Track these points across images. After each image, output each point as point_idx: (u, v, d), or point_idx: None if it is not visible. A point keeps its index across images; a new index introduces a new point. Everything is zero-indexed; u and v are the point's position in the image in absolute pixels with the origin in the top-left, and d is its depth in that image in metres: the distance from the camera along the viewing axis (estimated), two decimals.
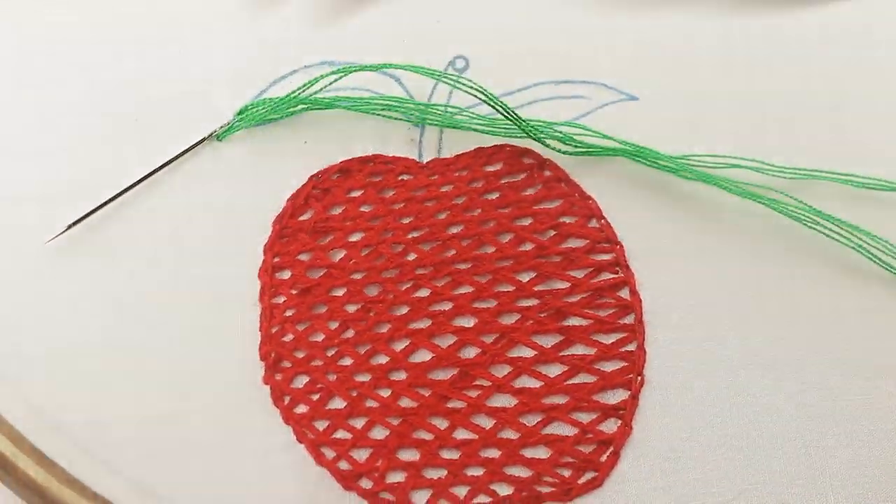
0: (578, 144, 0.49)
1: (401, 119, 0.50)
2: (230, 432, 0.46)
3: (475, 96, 0.48)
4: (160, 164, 0.48)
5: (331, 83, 0.50)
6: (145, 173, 0.48)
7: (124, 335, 0.47)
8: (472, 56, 0.52)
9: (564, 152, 0.49)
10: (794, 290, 0.49)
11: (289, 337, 0.47)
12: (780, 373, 0.48)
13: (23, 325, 0.47)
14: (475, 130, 0.50)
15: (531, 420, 0.47)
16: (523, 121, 0.48)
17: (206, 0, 0.52)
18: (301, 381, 0.47)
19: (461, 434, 0.46)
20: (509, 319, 0.48)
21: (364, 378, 0.47)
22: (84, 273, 0.47)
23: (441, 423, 0.46)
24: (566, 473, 0.46)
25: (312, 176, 0.50)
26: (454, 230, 0.49)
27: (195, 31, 0.52)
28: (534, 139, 0.49)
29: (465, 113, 0.50)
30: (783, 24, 0.53)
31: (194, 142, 0.49)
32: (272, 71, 0.51)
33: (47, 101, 0.50)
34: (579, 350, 0.48)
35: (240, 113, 0.50)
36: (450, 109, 0.50)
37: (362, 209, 0.49)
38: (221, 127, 0.50)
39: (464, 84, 0.48)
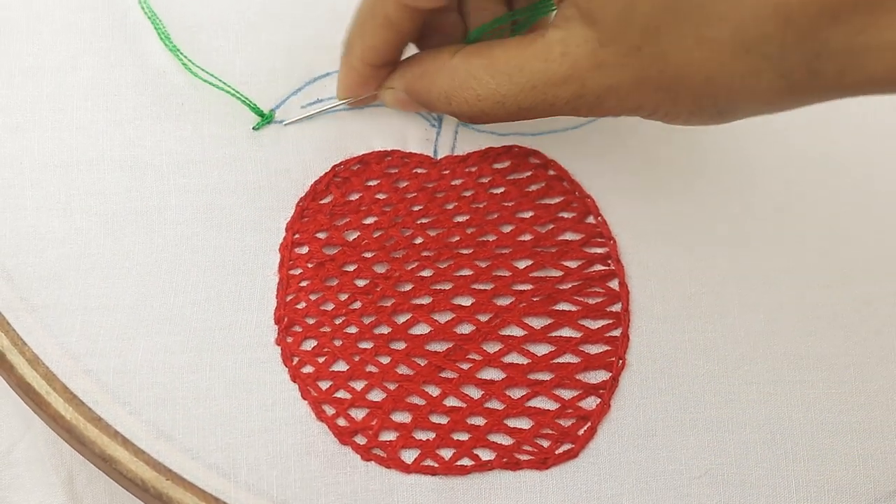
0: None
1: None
2: (241, 386, 0.50)
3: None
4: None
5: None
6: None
7: (155, 295, 0.51)
8: None
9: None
10: (768, 289, 0.52)
11: (302, 305, 0.52)
12: (752, 364, 0.51)
13: (64, 281, 0.51)
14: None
15: (516, 393, 0.51)
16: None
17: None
18: (309, 345, 0.51)
19: (451, 401, 0.51)
20: (504, 301, 0.52)
21: (367, 345, 0.51)
22: (122, 238, 0.52)
23: (433, 391, 0.51)
24: (545, 444, 0.50)
25: (335, 165, 0.54)
26: (460, 219, 0.53)
27: (242, 28, 0.56)
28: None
29: None
30: None
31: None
32: (308, 69, 0.56)
33: (103, 81, 0.55)
34: (566, 332, 0.52)
35: (270, 113, 0.55)
36: None
37: (377, 196, 0.53)
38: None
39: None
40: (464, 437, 0.50)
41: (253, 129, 0.54)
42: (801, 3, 0.38)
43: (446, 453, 0.50)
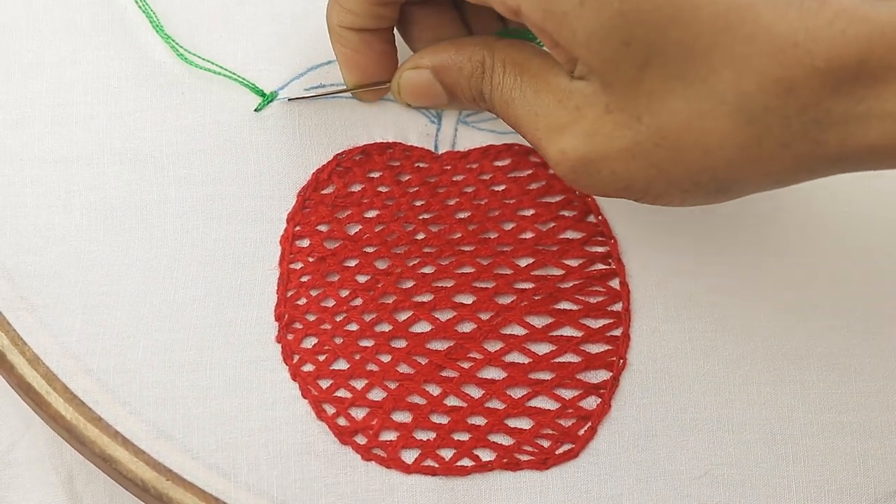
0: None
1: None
2: (241, 385, 0.50)
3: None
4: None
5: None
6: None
7: (155, 291, 0.51)
8: None
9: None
10: (767, 290, 0.52)
11: (302, 301, 0.51)
12: (753, 364, 0.51)
13: (64, 279, 0.51)
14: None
15: (517, 392, 0.51)
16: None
17: None
18: (310, 342, 0.51)
19: (451, 401, 0.51)
20: (505, 300, 0.52)
21: (367, 343, 0.51)
22: (122, 233, 0.52)
23: (434, 390, 0.51)
24: (545, 444, 0.50)
25: (337, 154, 0.53)
26: (462, 215, 0.53)
27: (242, 21, 0.56)
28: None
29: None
30: None
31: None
32: (310, 58, 0.55)
33: (103, 75, 0.54)
34: (567, 332, 0.52)
35: (272, 93, 0.54)
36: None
37: (379, 189, 0.53)
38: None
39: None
40: (464, 437, 0.50)
41: (255, 110, 0.54)
42: (803, 75, 0.38)
43: (447, 453, 0.50)
